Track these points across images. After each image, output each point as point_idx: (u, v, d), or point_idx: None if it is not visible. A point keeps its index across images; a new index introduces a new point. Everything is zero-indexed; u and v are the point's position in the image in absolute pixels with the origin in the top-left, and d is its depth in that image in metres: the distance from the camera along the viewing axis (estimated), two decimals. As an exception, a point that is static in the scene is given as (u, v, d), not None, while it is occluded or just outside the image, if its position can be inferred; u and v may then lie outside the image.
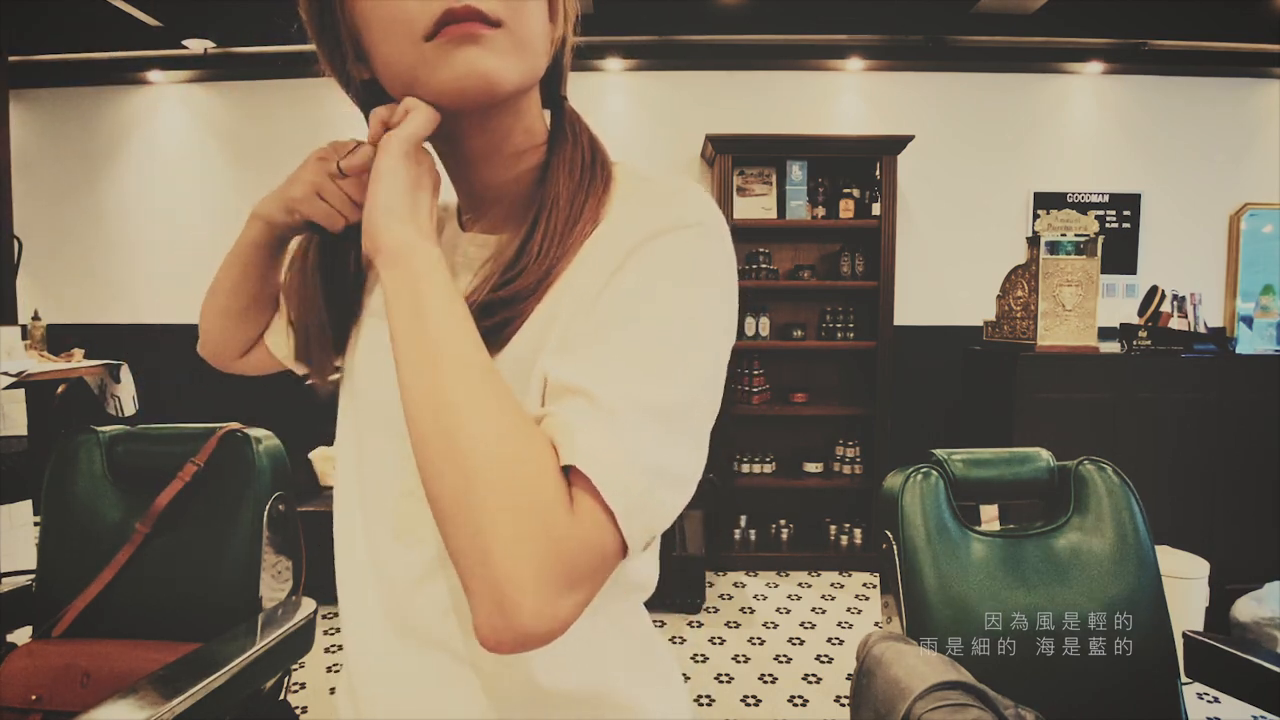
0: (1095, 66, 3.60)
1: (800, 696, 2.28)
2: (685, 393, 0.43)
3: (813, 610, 2.92)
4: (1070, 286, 2.59)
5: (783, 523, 3.56)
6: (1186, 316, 2.81)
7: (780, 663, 2.49)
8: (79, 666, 1.19)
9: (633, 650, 0.56)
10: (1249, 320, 3.26)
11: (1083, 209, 3.60)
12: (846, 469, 3.48)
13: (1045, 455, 1.30)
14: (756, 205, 3.42)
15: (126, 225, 3.85)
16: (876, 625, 2.75)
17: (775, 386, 3.57)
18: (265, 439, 1.40)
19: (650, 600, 0.58)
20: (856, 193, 3.38)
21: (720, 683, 2.36)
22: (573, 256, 0.49)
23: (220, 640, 1.10)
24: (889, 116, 3.66)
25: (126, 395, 2.82)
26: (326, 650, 2.50)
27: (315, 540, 1.41)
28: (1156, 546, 1.22)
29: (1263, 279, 3.54)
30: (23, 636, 1.32)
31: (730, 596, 3.06)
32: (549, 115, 0.56)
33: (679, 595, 2.86)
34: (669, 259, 0.46)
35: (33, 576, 1.37)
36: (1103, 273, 2.73)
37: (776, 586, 3.17)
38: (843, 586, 3.17)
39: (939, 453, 1.28)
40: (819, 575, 3.30)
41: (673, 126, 3.68)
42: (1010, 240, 3.62)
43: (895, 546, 1.20)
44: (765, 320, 3.43)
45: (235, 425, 1.39)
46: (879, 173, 3.30)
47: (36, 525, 1.85)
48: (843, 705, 2.23)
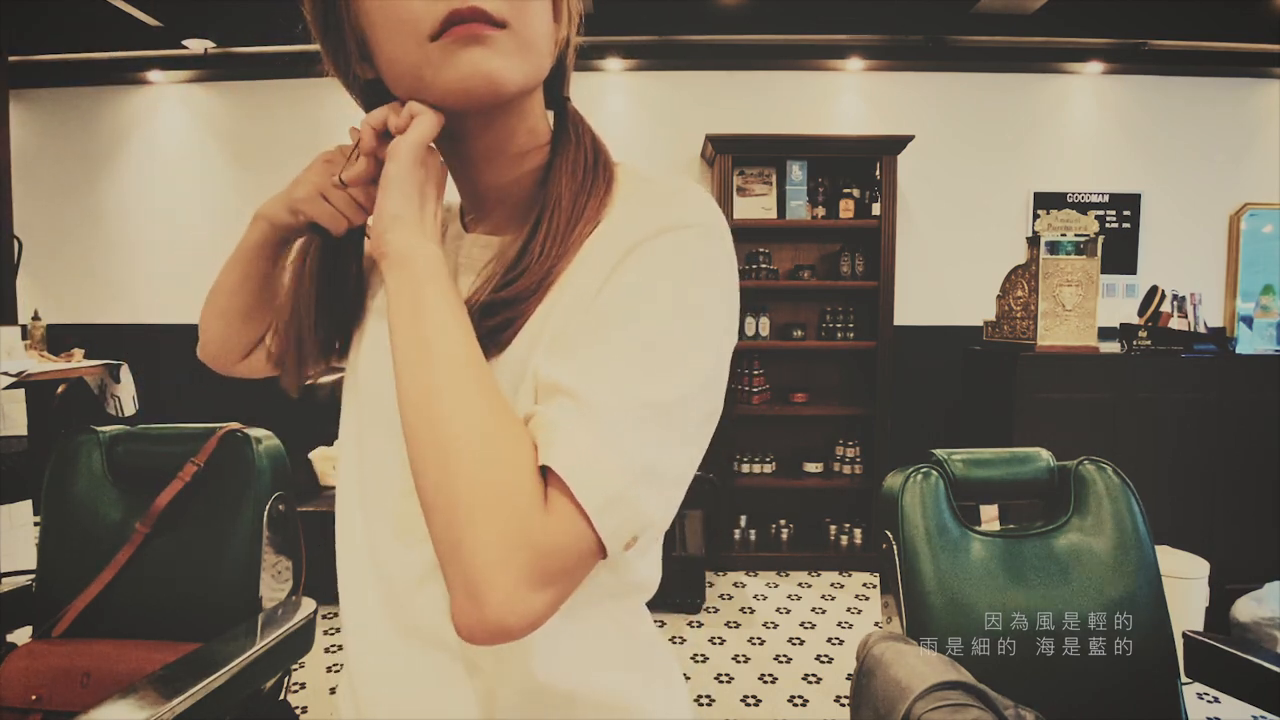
0: (1095, 66, 3.60)
1: (800, 696, 2.28)
2: (678, 392, 0.43)
3: (813, 610, 2.92)
4: (1070, 286, 2.59)
5: (783, 523, 3.56)
6: (1186, 316, 2.81)
7: (780, 663, 2.49)
8: (79, 666, 1.19)
9: (634, 650, 0.56)
10: (1249, 320, 3.26)
11: (1083, 209, 3.60)
12: (846, 469, 3.48)
13: (1045, 455, 1.30)
14: (756, 205, 3.42)
15: (126, 225, 3.85)
16: (876, 625, 2.75)
17: (775, 386, 3.57)
18: (265, 439, 1.40)
19: (650, 600, 0.58)
20: (856, 193, 3.38)
21: (720, 683, 2.36)
22: (573, 256, 0.49)
23: (220, 640, 1.10)
24: (889, 116, 3.66)
25: (126, 395, 2.82)
26: (326, 650, 2.50)
27: (315, 540, 1.41)
28: (1156, 546, 1.22)
29: (1263, 279, 3.54)
30: (23, 636, 1.32)
31: (730, 596, 3.06)
32: (552, 116, 0.56)
33: (679, 595, 2.86)
34: (669, 259, 0.46)
35: (33, 576, 1.37)
36: (1103, 273, 2.73)
37: (776, 586, 3.17)
38: (843, 586, 3.17)
39: (939, 453, 1.28)
40: (819, 575, 3.30)
41: (673, 126, 3.68)
42: (1010, 240, 3.62)
43: (895, 546, 1.20)
44: (765, 320, 3.43)
45: (235, 425, 1.39)
46: (879, 173, 3.30)
47: (36, 525, 1.85)
48: (843, 705, 2.23)
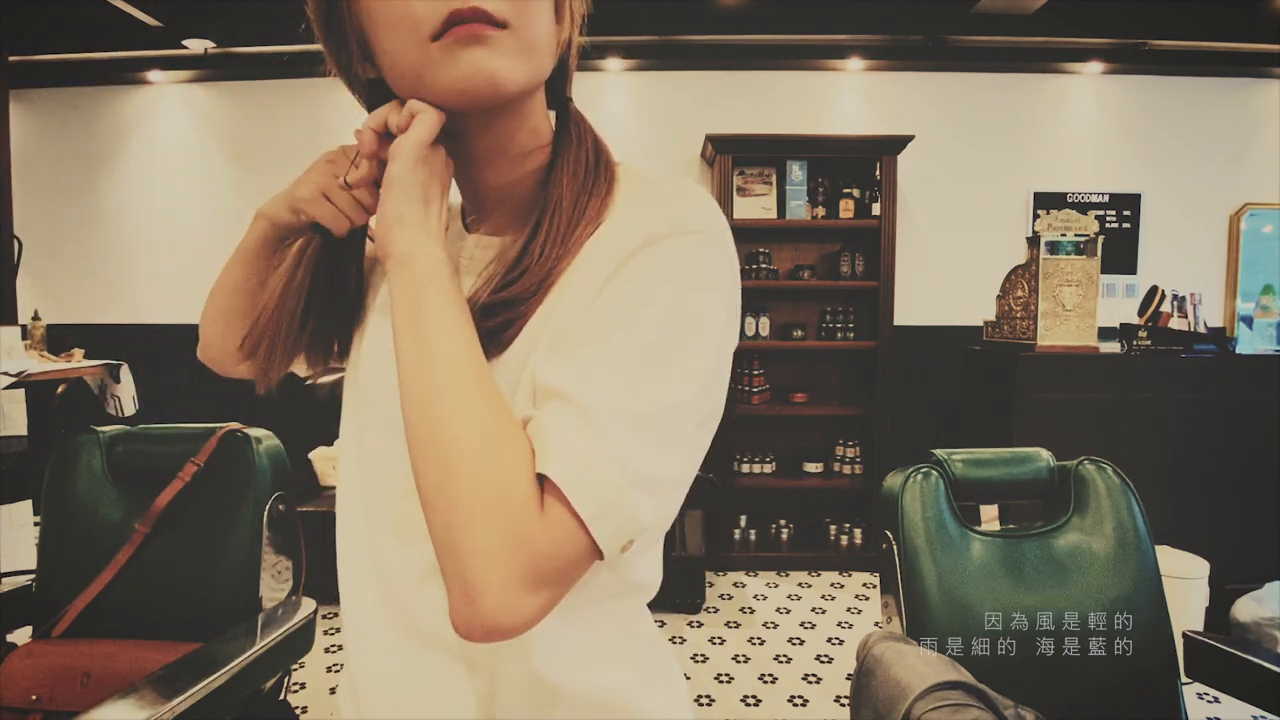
0: (1095, 66, 3.60)
1: (800, 696, 2.28)
2: (677, 396, 0.43)
3: (813, 610, 2.92)
4: (1070, 286, 2.59)
5: (783, 523, 3.56)
6: (1186, 316, 2.81)
7: (780, 663, 2.49)
8: (79, 666, 1.19)
9: (634, 651, 0.56)
10: (1249, 320, 3.27)
11: (1083, 209, 3.60)
12: (846, 469, 3.48)
13: (1045, 455, 1.30)
14: (756, 205, 3.42)
15: (126, 225, 3.85)
16: (876, 625, 2.75)
17: (775, 386, 3.57)
18: (265, 439, 1.40)
19: (651, 600, 0.58)
20: (856, 193, 3.38)
21: (720, 683, 2.36)
22: (574, 257, 0.49)
23: (220, 640, 1.10)
24: (889, 116, 3.65)
25: (126, 395, 2.82)
26: (326, 650, 2.50)
27: (315, 540, 1.42)
28: (1156, 546, 1.22)
29: (1263, 279, 3.54)
30: (23, 636, 1.32)
31: (730, 596, 3.06)
32: (553, 116, 0.56)
33: (679, 595, 2.86)
34: (670, 263, 0.46)
35: (33, 576, 1.37)
36: (1103, 273, 2.73)
37: (776, 586, 3.17)
38: (843, 586, 3.17)
39: (939, 453, 1.28)
40: (819, 575, 3.30)
41: (673, 126, 3.68)
42: (1010, 240, 3.62)
43: (895, 546, 1.20)
44: (765, 320, 3.43)
45: (235, 425, 1.39)
46: (879, 173, 3.30)
47: (36, 525, 1.85)
48: (843, 705, 2.23)
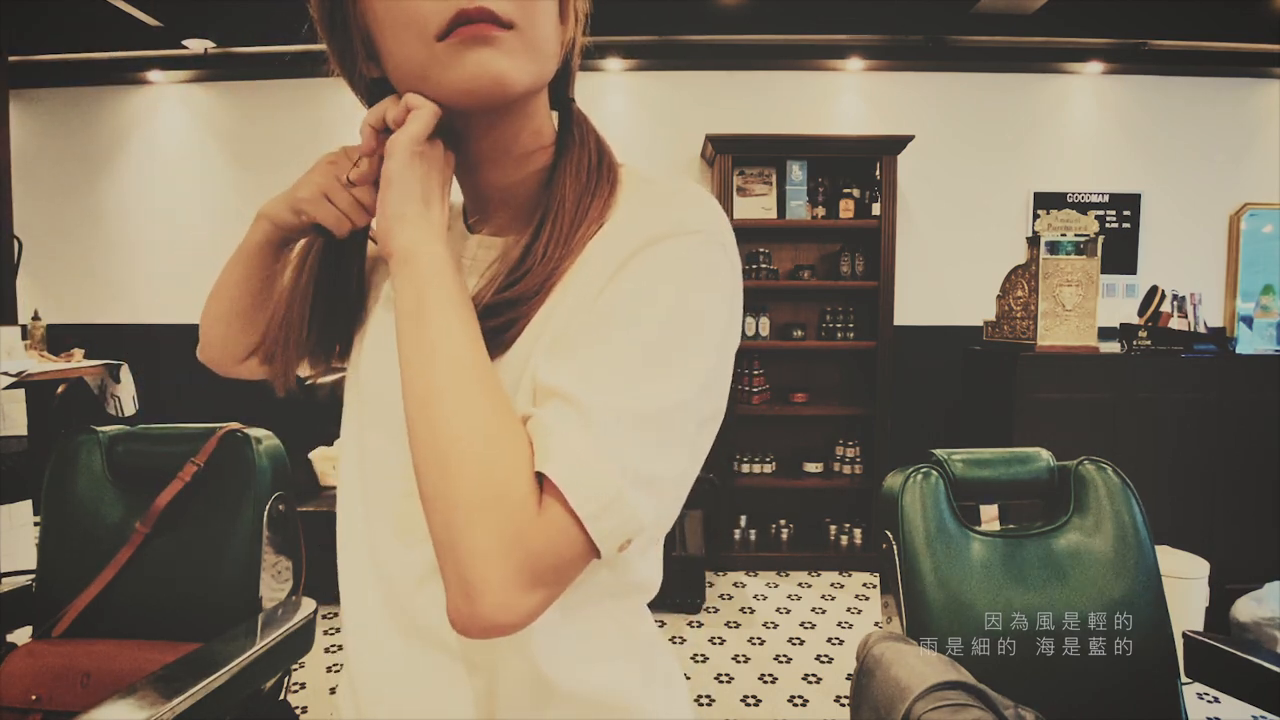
0: (1095, 66, 3.60)
1: (800, 696, 2.28)
2: (677, 397, 0.43)
3: (813, 610, 2.92)
4: (1070, 286, 2.59)
5: (783, 523, 3.56)
6: (1186, 316, 2.81)
7: (780, 663, 2.49)
8: (79, 666, 1.19)
9: (634, 651, 0.56)
10: (1249, 320, 3.27)
11: (1083, 209, 3.60)
12: (846, 469, 3.48)
13: (1045, 455, 1.30)
14: (756, 205, 3.42)
15: (126, 225, 3.85)
16: (876, 625, 2.75)
17: (775, 386, 3.57)
18: (265, 439, 1.40)
19: (650, 600, 0.58)
20: (856, 193, 3.38)
21: (720, 683, 2.36)
22: (576, 257, 0.49)
23: (220, 640, 1.10)
24: (889, 116, 3.65)
25: (126, 395, 2.82)
26: (326, 650, 2.50)
27: (315, 540, 1.42)
28: (1156, 546, 1.22)
29: (1263, 279, 3.54)
30: (23, 636, 1.32)
31: (730, 596, 3.06)
32: (556, 116, 0.56)
33: (679, 595, 2.86)
34: (671, 264, 0.46)
35: (33, 576, 1.37)
36: (1103, 273, 2.73)
37: (776, 586, 3.17)
38: (843, 586, 3.17)
39: (939, 453, 1.28)
40: (819, 575, 3.30)
41: (673, 126, 3.68)
42: (1010, 240, 3.62)
43: (895, 546, 1.20)
44: (765, 320, 3.43)
45: (235, 425, 1.39)
46: (879, 173, 3.30)
47: (36, 525, 1.85)
48: (843, 705, 2.23)
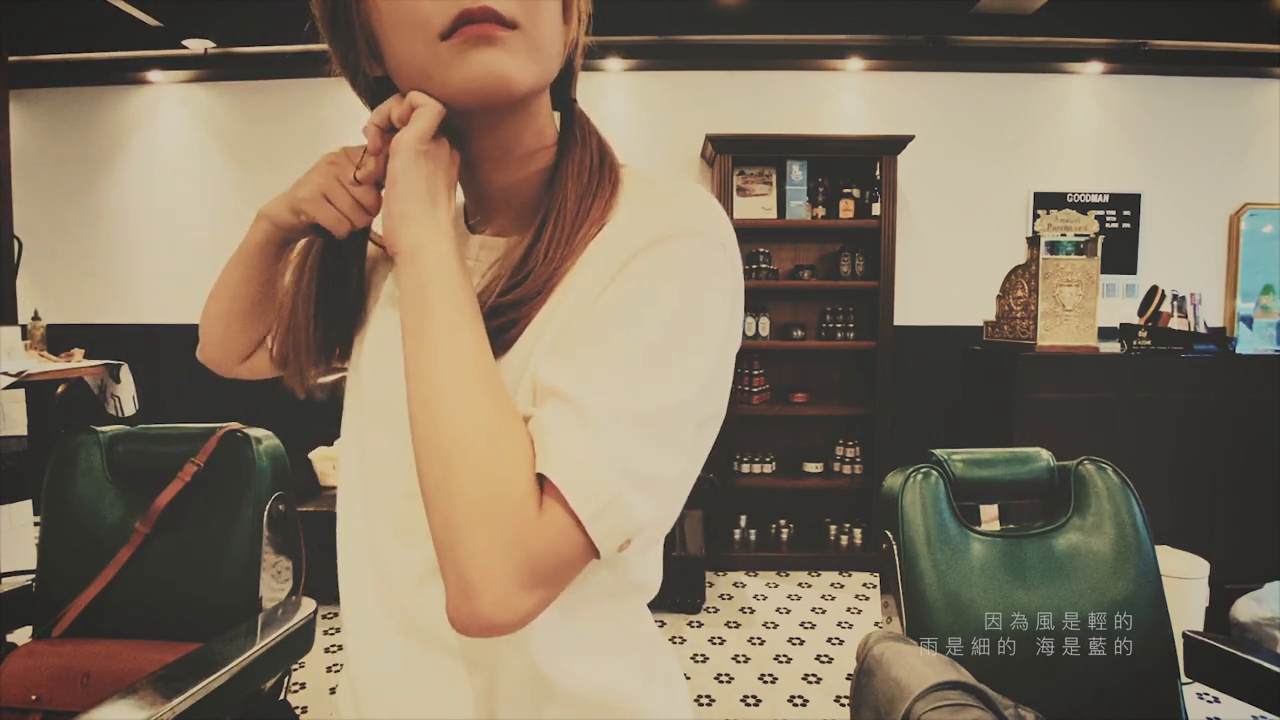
0: (1095, 66, 3.60)
1: (800, 696, 2.28)
2: (677, 397, 0.43)
3: (813, 610, 2.92)
4: (1070, 286, 2.59)
5: (783, 523, 3.56)
6: (1186, 316, 2.81)
7: (780, 663, 2.49)
8: (79, 666, 1.19)
9: (634, 651, 0.56)
10: (1249, 320, 3.27)
11: (1083, 209, 3.60)
12: (846, 469, 3.48)
13: (1045, 455, 1.30)
14: (756, 205, 3.42)
15: (126, 225, 3.85)
16: (876, 625, 2.75)
17: (775, 386, 3.57)
18: (265, 439, 1.40)
19: (650, 600, 0.58)
20: (856, 193, 3.38)
21: (720, 683, 2.36)
22: (577, 258, 0.49)
23: (220, 640, 1.10)
24: (889, 116, 3.65)
25: (126, 395, 2.82)
26: (326, 650, 2.50)
27: (315, 540, 1.42)
28: (1156, 546, 1.22)
29: (1263, 279, 3.54)
30: (23, 636, 1.32)
31: (730, 596, 3.06)
32: (558, 117, 0.56)
33: (679, 595, 2.86)
34: (672, 265, 0.46)
35: (33, 576, 1.37)
36: (1103, 273, 2.73)
37: (776, 586, 3.17)
38: (843, 586, 3.17)
39: (939, 453, 1.28)
40: (819, 575, 3.30)
41: (673, 126, 3.68)
42: (1010, 240, 3.62)
43: (895, 546, 1.20)
44: (765, 320, 3.43)
45: (235, 425, 1.39)
46: (879, 173, 3.30)
47: (36, 525, 1.85)
48: (843, 705, 2.23)
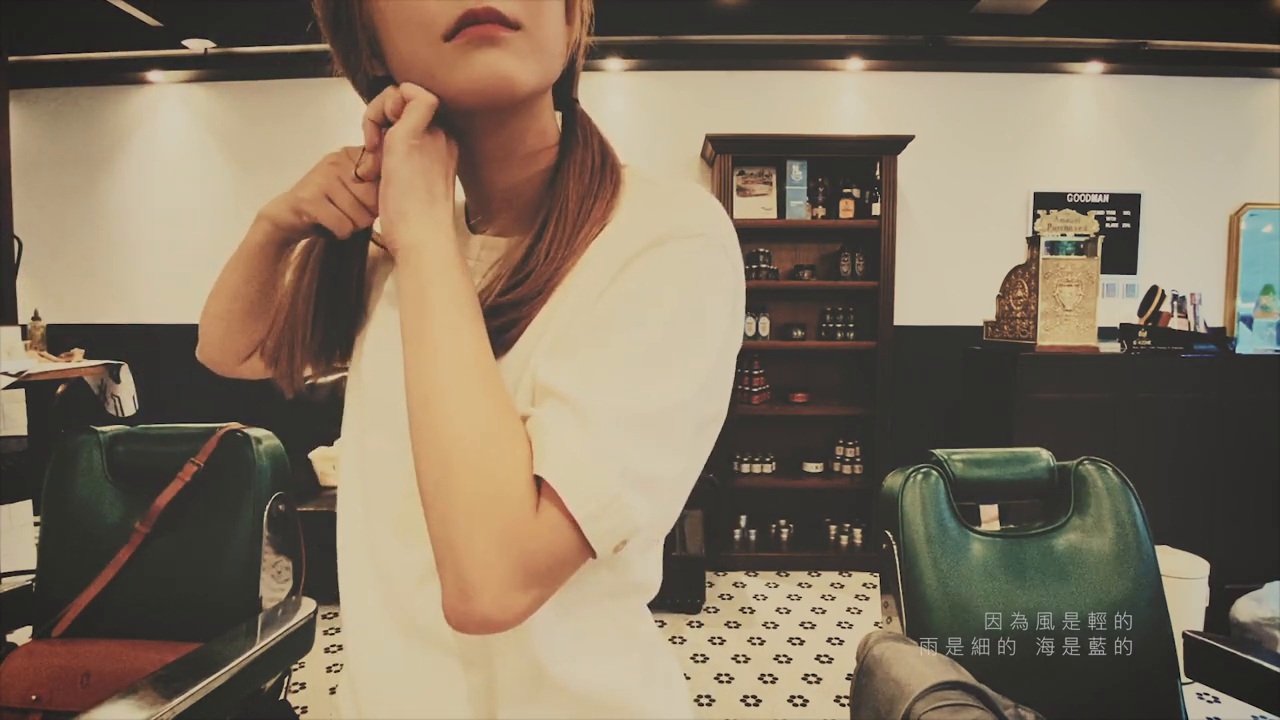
0: (1095, 66, 3.60)
1: (800, 696, 2.28)
2: (677, 397, 0.43)
3: (813, 610, 2.92)
4: (1070, 286, 2.59)
5: (783, 523, 3.56)
6: (1186, 316, 2.81)
7: (780, 663, 2.49)
8: (79, 666, 1.19)
9: (634, 650, 0.56)
10: (1249, 320, 3.27)
11: (1083, 209, 3.60)
12: (846, 469, 3.48)
13: (1045, 455, 1.30)
14: (756, 205, 3.42)
15: (126, 225, 3.85)
16: (876, 625, 2.75)
17: (775, 386, 3.57)
18: (265, 439, 1.40)
19: (650, 600, 0.58)
20: (856, 193, 3.38)
21: (720, 683, 2.36)
22: (578, 258, 0.49)
23: (220, 640, 1.10)
24: (889, 116, 3.65)
25: (126, 395, 2.82)
26: (326, 650, 2.50)
27: (315, 540, 1.42)
28: (1156, 546, 1.22)
29: (1263, 279, 3.54)
30: (23, 636, 1.32)
31: (730, 596, 3.06)
32: (559, 117, 0.56)
33: (679, 595, 2.86)
34: (672, 266, 0.46)
35: (33, 576, 1.37)
36: (1103, 273, 2.73)
37: (776, 586, 3.17)
38: (843, 586, 3.17)
39: (939, 453, 1.28)
40: (819, 575, 3.30)
41: (673, 126, 3.68)
42: (1010, 240, 3.62)
43: (895, 546, 1.20)
44: (765, 320, 3.43)
45: (235, 425, 1.39)
46: (879, 173, 3.30)
47: (36, 525, 1.85)
48: (843, 705, 2.23)
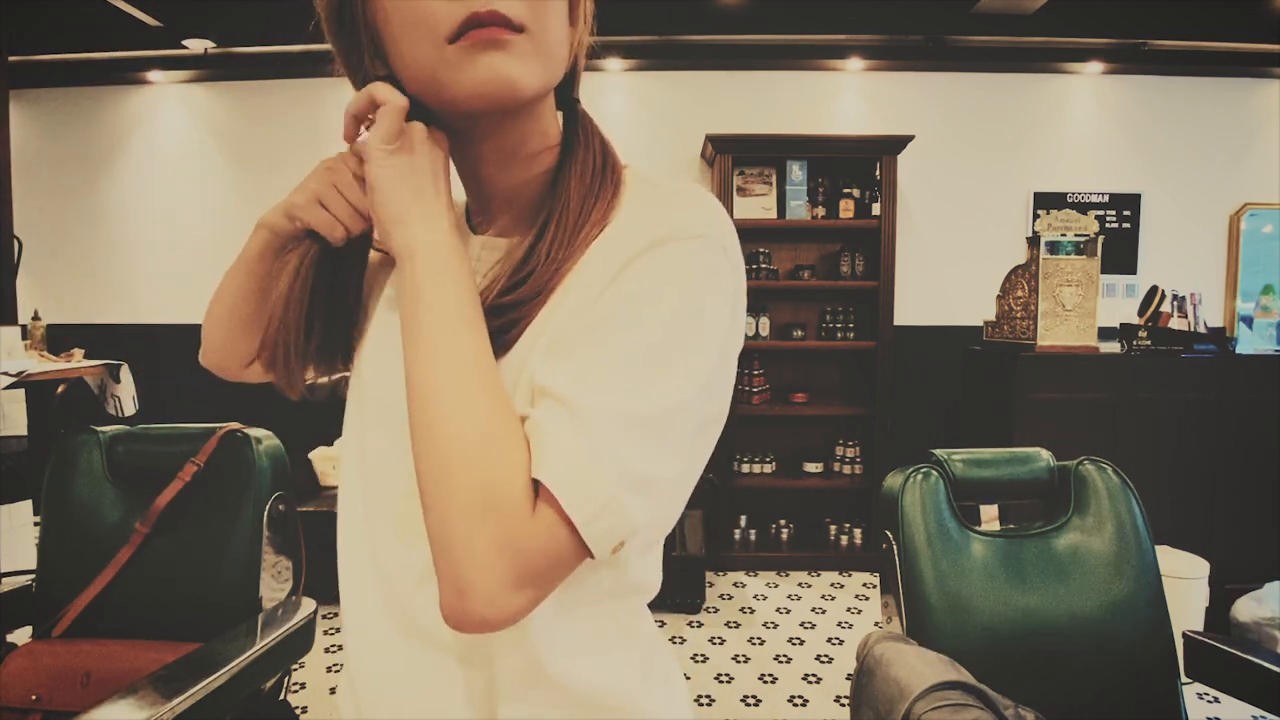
0: (1095, 66, 3.60)
1: (800, 696, 2.28)
2: (676, 399, 0.43)
3: (813, 610, 2.92)
4: (1070, 286, 2.59)
5: (783, 523, 3.56)
6: (1186, 316, 2.81)
7: (780, 663, 2.49)
8: (79, 666, 1.19)
9: (634, 650, 0.56)
10: (1249, 320, 3.27)
11: (1083, 209, 3.60)
12: (846, 469, 3.48)
13: (1045, 455, 1.30)
14: (756, 205, 3.42)
15: (126, 225, 3.85)
16: (876, 625, 2.75)
17: (775, 386, 3.57)
18: (265, 439, 1.40)
19: (650, 600, 0.58)
20: (856, 193, 3.38)
21: (720, 683, 2.36)
22: (578, 258, 0.49)
23: (220, 640, 1.10)
24: (889, 116, 3.66)
25: (126, 395, 2.82)
26: (326, 650, 2.50)
27: (315, 540, 1.42)
28: (1156, 546, 1.22)
29: (1263, 279, 3.54)
30: (23, 636, 1.32)
31: (730, 596, 3.06)
32: (561, 117, 0.56)
33: (679, 595, 2.86)
34: (672, 267, 0.46)
35: (33, 576, 1.37)
36: (1103, 273, 2.73)
37: (776, 586, 3.17)
38: (843, 586, 3.17)
39: (939, 453, 1.29)
40: (819, 575, 3.30)
41: (673, 126, 3.68)
42: (1010, 240, 3.63)
43: (895, 546, 1.20)
44: (765, 320, 3.43)
45: (235, 425, 1.39)
46: (879, 173, 3.30)
47: (36, 525, 1.85)
48: (843, 705, 2.23)
